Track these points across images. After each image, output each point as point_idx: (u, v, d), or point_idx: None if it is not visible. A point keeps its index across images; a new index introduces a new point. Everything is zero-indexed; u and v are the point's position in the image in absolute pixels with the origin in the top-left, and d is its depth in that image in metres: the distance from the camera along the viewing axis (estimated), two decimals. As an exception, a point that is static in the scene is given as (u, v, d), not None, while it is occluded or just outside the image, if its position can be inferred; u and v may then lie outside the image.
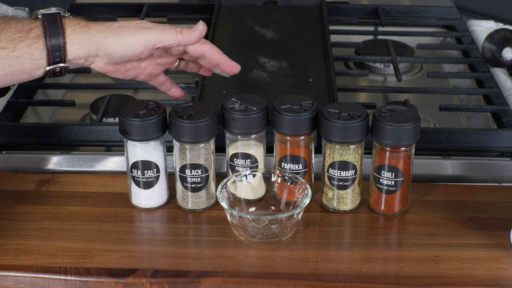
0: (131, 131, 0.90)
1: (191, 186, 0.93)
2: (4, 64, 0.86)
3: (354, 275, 0.84)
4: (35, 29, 0.87)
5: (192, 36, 0.92)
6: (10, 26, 0.86)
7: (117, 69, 0.94)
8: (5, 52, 0.85)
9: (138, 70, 0.97)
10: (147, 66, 0.98)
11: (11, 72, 0.87)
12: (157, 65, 0.98)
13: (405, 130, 0.89)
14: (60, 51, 0.87)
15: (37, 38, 0.86)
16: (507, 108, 1.15)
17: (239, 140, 0.94)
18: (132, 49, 0.90)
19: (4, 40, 0.85)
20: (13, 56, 0.86)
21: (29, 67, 0.87)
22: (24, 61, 0.86)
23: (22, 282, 0.84)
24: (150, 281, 0.83)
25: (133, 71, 0.96)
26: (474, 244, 0.89)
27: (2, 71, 0.86)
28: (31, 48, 0.86)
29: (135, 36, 0.90)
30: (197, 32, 0.92)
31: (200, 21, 0.92)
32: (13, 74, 0.87)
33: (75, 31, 0.88)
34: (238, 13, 1.40)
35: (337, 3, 1.55)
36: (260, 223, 0.87)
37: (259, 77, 1.15)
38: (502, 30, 1.31)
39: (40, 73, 0.89)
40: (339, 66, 1.38)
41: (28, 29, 0.87)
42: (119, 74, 0.95)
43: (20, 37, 0.86)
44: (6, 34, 0.86)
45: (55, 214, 0.94)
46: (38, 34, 0.86)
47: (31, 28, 0.87)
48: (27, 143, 1.09)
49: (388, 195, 0.93)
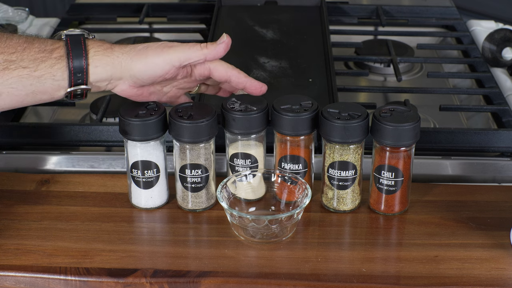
0: (131, 131, 0.90)
1: (191, 186, 0.93)
2: (25, 84, 0.85)
3: (354, 275, 0.84)
4: (58, 49, 0.86)
5: (218, 50, 0.90)
6: (33, 45, 0.85)
7: (141, 93, 0.92)
8: (26, 71, 0.84)
9: (160, 93, 0.94)
10: (169, 90, 0.95)
11: (32, 92, 0.85)
12: (179, 89, 0.96)
13: (405, 130, 0.89)
14: (83, 73, 0.86)
15: (59, 58, 0.85)
16: (507, 108, 1.15)
17: (239, 140, 0.94)
18: (159, 69, 0.88)
19: (26, 60, 0.84)
20: (35, 76, 0.84)
21: (50, 88, 0.86)
22: (45, 82, 0.85)
23: (22, 282, 0.84)
24: (150, 281, 0.83)
25: (156, 95, 0.94)
26: (474, 244, 0.89)
27: (23, 90, 0.85)
28: (53, 68, 0.85)
29: (161, 56, 0.88)
30: (223, 45, 0.90)
31: (224, 34, 0.90)
32: (33, 94, 0.86)
33: (99, 53, 0.87)
34: (238, 13, 1.40)
35: (337, 3, 1.55)
36: (260, 223, 0.87)
37: (259, 77, 1.15)
38: (502, 30, 1.31)
39: (61, 95, 0.87)
40: (339, 66, 1.38)
41: (51, 49, 0.85)
42: (142, 98, 0.92)
43: (43, 57, 0.85)
44: (28, 54, 0.85)
45: (55, 214, 0.94)
46: (60, 55, 0.85)
47: (54, 48, 0.86)
48: (27, 143, 1.09)
49: (388, 195, 0.93)
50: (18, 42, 0.85)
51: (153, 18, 1.55)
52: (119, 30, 1.50)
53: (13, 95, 0.85)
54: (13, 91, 0.85)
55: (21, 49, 0.85)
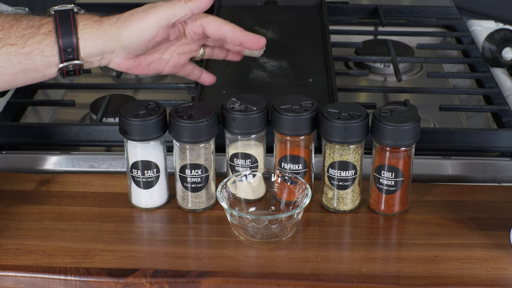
0: (131, 131, 0.90)
1: (191, 186, 0.93)
2: (14, 62, 0.83)
3: (354, 275, 0.84)
4: (46, 24, 0.84)
5: (203, 1, 0.87)
6: (21, 22, 0.83)
7: (138, 63, 0.89)
8: (14, 48, 0.82)
9: (161, 62, 0.92)
10: (170, 58, 0.92)
11: (22, 70, 0.83)
12: (180, 54, 0.93)
13: (405, 130, 0.89)
14: (73, 47, 0.84)
15: (47, 34, 0.83)
16: (507, 108, 1.15)
17: (239, 140, 0.94)
18: (146, 33, 0.86)
19: (14, 37, 0.82)
20: (23, 53, 0.82)
21: (41, 65, 0.84)
22: (35, 59, 0.83)
23: (22, 282, 0.84)
24: (150, 281, 0.83)
25: (156, 64, 0.91)
26: (474, 244, 0.89)
27: (12, 69, 0.83)
28: (42, 44, 0.83)
29: (146, 18, 0.85)
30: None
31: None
32: (24, 72, 0.84)
33: (87, 26, 0.85)
34: (238, 13, 1.40)
35: (337, 3, 1.55)
36: (260, 223, 0.87)
37: (259, 77, 1.15)
38: (502, 30, 1.31)
39: (53, 72, 0.85)
40: (339, 66, 1.38)
41: (39, 25, 0.84)
42: (142, 69, 0.90)
43: (30, 33, 0.83)
44: (16, 30, 0.83)
45: (55, 214, 0.94)
46: (49, 30, 0.83)
47: (42, 24, 0.84)
48: (27, 143, 1.09)
49: (388, 195, 0.93)
50: (5, 20, 0.83)
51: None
52: (119, 30, 1.50)
53: (3, 74, 0.83)
54: (2, 69, 0.83)
55: (8, 26, 0.83)
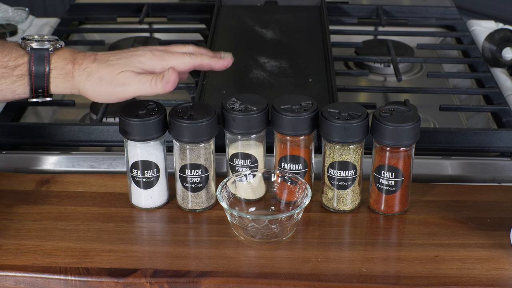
0: (131, 131, 0.90)
1: (191, 186, 0.93)
2: None
3: (354, 275, 0.84)
4: (20, 66, 0.87)
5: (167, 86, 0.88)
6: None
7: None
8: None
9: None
10: None
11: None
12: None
13: (405, 130, 0.89)
14: (44, 90, 0.88)
15: (21, 76, 0.87)
16: (507, 108, 1.15)
17: (239, 140, 0.94)
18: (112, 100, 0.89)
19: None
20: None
21: (11, 98, 0.89)
22: (6, 94, 0.88)
23: (22, 282, 0.84)
24: (150, 281, 0.83)
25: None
26: (474, 244, 0.89)
27: None
28: (14, 85, 0.87)
29: (114, 94, 0.88)
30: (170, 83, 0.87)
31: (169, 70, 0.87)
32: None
33: (60, 76, 0.88)
34: (238, 13, 1.40)
35: (337, 3, 1.55)
36: (260, 223, 0.87)
37: (259, 77, 1.15)
38: (502, 30, 1.31)
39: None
40: (339, 66, 1.38)
41: (14, 65, 0.87)
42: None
43: (4, 73, 0.86)
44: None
45: (55, 214, 0.94)
46: (22, 73, 0.87)
47: (17, 65, 0.87)
48: (27, 143, 1.09)
49: (388, 195, 0.93)
50: None
51: (153, 18, 1.54)
52: (119, 30, 1.50)
53: None
54: None
55: None
